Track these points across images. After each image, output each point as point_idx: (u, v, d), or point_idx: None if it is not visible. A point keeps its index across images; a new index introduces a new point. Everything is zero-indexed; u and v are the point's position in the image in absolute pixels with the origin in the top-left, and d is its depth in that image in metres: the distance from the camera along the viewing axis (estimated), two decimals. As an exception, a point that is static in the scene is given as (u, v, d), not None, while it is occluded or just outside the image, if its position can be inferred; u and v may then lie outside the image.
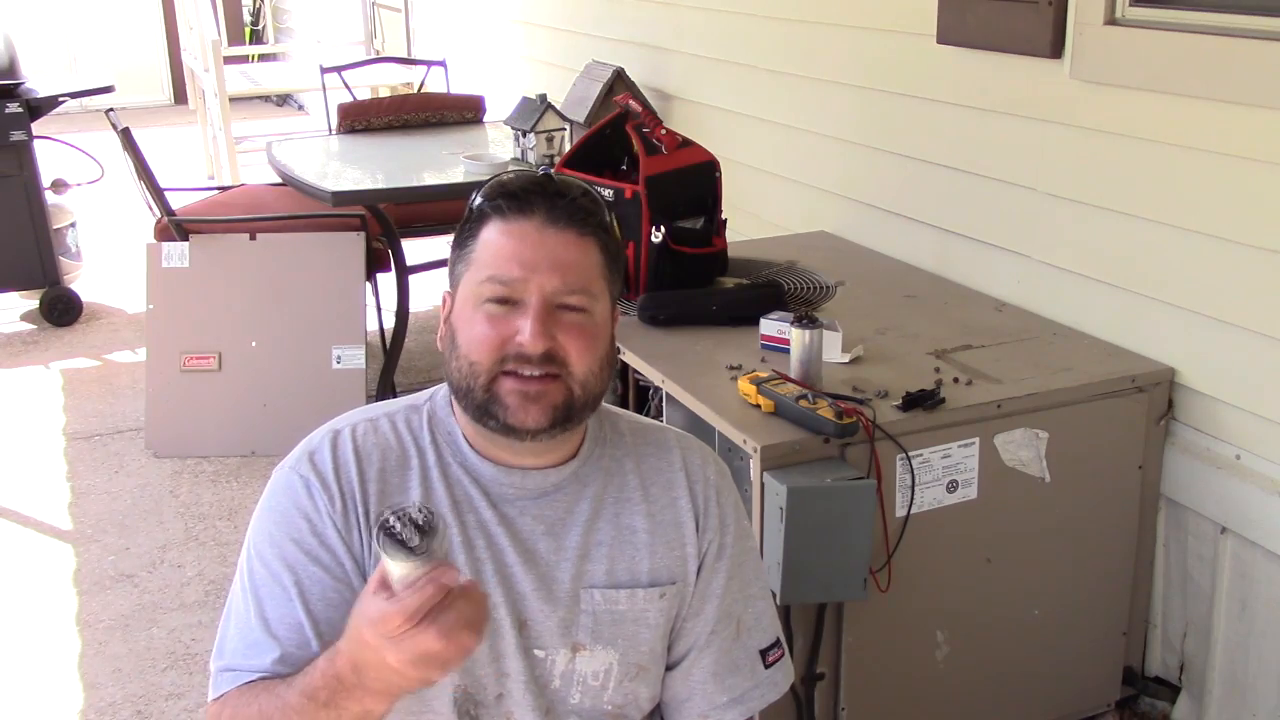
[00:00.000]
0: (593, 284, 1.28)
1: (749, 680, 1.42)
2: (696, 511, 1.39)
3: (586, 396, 1.29)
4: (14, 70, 4.76)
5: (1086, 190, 2.39)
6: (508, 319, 1.25)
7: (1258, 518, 2.12)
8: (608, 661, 1.35)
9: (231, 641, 1.29)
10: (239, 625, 1.29)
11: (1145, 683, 2.42)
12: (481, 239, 1.29)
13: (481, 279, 1.27)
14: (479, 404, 1.27)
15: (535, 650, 1.33)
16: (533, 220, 1.27)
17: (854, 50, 3.06)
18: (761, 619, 1.44)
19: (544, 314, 1.25)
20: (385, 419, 1.36)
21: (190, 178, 6.65)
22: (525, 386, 1.25)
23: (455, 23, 6.18)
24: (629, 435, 1.42)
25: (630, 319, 2.52)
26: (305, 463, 1.32)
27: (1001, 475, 2.11)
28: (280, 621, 1.27)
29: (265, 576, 1.29)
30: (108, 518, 3.44)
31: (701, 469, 1.42)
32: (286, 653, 1.25)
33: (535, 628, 1.33)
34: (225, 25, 8.70)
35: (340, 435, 1.34)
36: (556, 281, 1.25)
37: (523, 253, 1.26)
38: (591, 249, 1.29)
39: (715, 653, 1.40)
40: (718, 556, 1.40)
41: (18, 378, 4.53)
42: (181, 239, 3.82)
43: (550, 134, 3.83)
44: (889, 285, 2.77)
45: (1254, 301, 2.08)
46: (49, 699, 2.67)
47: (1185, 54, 2.12)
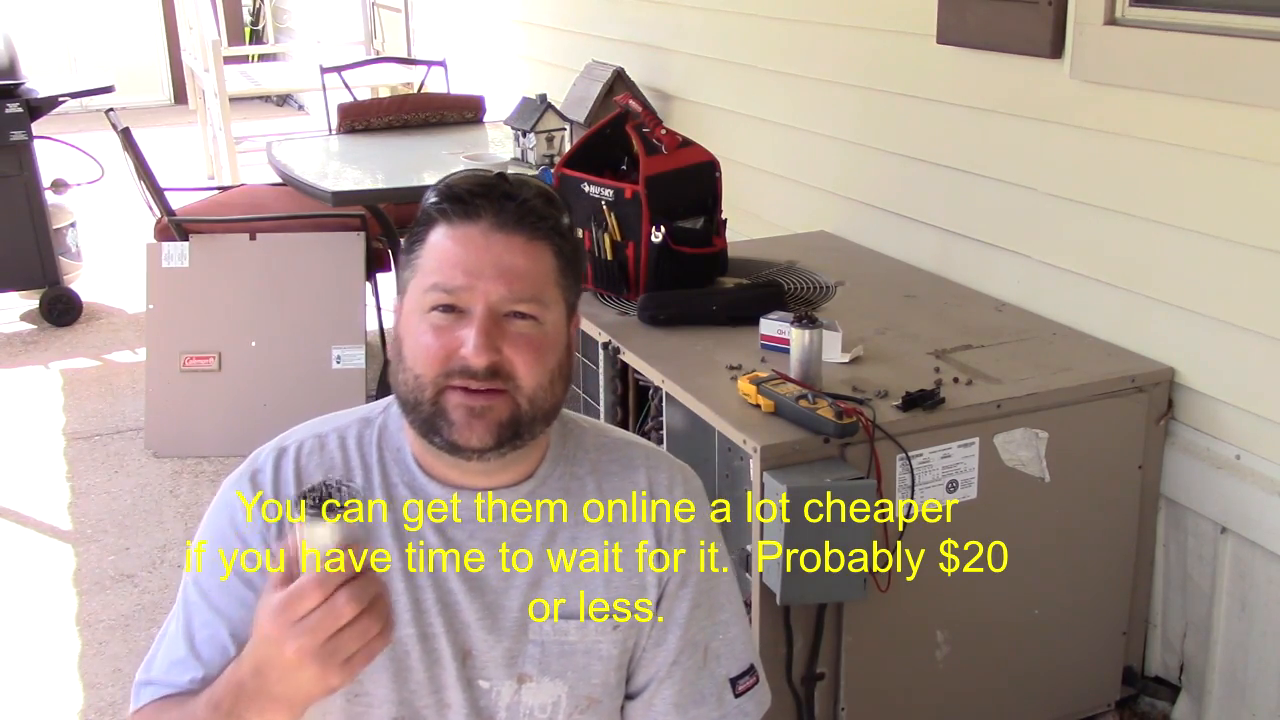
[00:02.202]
0: (544, 291, 1.22)
1: (715, 710, 1.34)
2: (659, 537, 1.32)
3: (535, 412, 1.22)
4: (14, 70, 4.76)
5: (1086, 190, 2.39)
6: (453, 329, 1.19)
7: (1258, 518, 2.12)
8: (556, 694, 1.29)
9: (159, 657, 1.27)
10: (168, 641, 1.27)
11: (1145, 683, 2.41)
12: (428, 244, 1.22)
13: (426, 286, 1.20)
14: (425, 419, 1.21)
15: (480, 681, 1.28)
16: (479, 224, 1.20)
17: (854, 50, 3.06)
18: (733, 645, 1.36)
19: (489, 325, 1.18)
20: (334, 435, 1.31)
21: (190, 178, 6.65)
22: (471, 401, 1.19)
23: (455, 23, 6.17)
24: (594, 452, 1.34)
25: (630, 319, 2.51)
26: (247, 480, 1.28)
27: (1001, 475, 2.11)
28: (206, 642, 1.24)
29: (196, 595, 1.26)
30: (108, 518, 3.44)
31: (668, 490, 1.34)
32: (209, 674, 1.22)
33: (480, 658, 1.27)
34: (225, 25, 8.70)
35: (285, 454, 1.29)
36: (503, 289, 1.19)
37: (468, 259, 1.19)
38: (543, 254, 1.22)
39: (678, 683, 1.33)
40: (681, 584, 1.32)
41: (18, 378, 4.53)
42: (181, 239, 3.82)
43: (550, 134, 3.83)
44: (889, 285, 2.77)
45: (1254, 301, 2.08)
46: (49, 699, 2.67)
47: (1185, 54, 2.12)
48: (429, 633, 1.26)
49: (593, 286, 2.65)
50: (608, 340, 2.46)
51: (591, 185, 2.61)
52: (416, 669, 1.26)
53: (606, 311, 2.58)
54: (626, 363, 2.42)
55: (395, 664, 1.26)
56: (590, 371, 2.59)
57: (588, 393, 2.64)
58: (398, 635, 1.24)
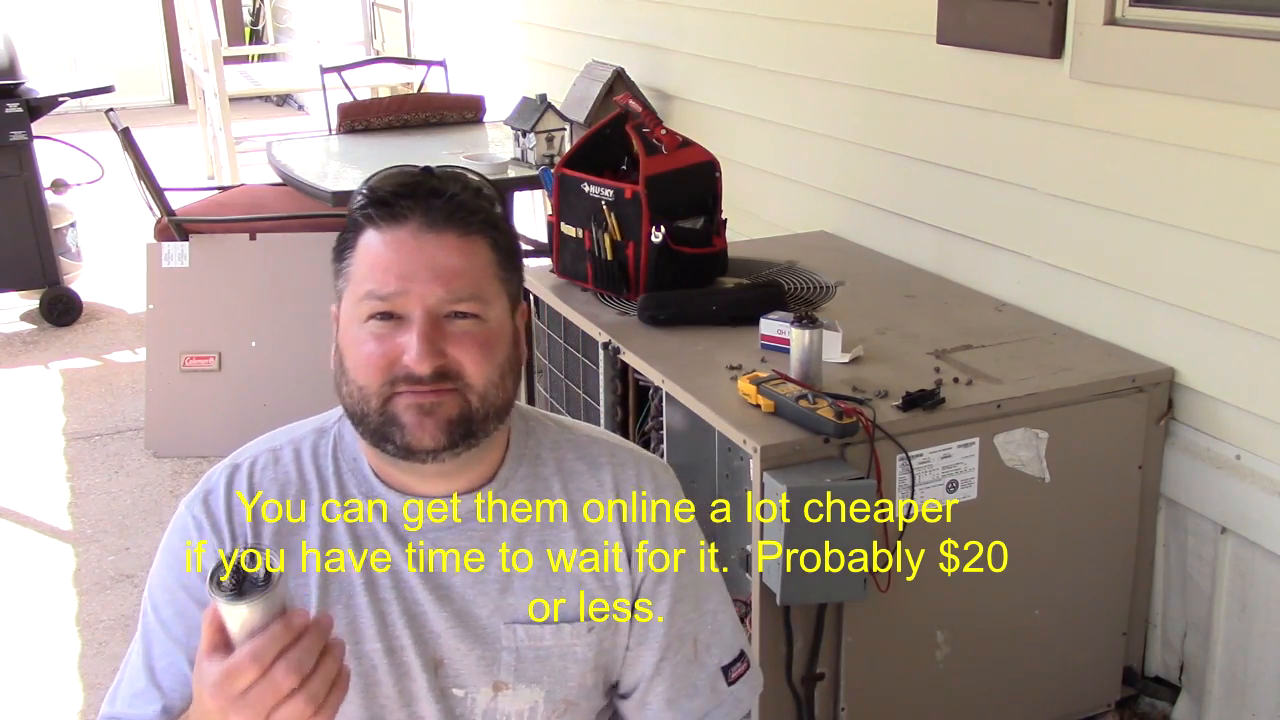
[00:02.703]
0: (483, 288, 1.18)
1: (710, 701, 1.33)
2: (628, 537, 1.29)
3: (487, 409, 1.19)
4: (14, 70, 4.76)
5: (1086, 190, 2.39)
6: (393, 336, 1.16)
7: (1258, 518, 2.12)
8: (533, 700, 1.27)
9: (122, 688, 1.25)
10: (130, 672, 1.25)
11: (1145, 683, 2.41)
12: (358, 250, 1.19)
13: (360, 295, 1.17)
14: (375, 429, 1.18)
15: (454, 690, 1.25)
16: (407, 226, 1.17)
17: (854, 50, 3.06)
18: (721, 632, 1.35)
19: (429, 329, 1.15)
20: (289, 448, 1.28)
21: (190, 178, 6.65)
22: (420, 399, 1.16)
23: (455, 23, 6.17)
24: (557, 450, 1.31)
25: (630, 319, 2.51)
26: (199, 503, 1.26)
27: (1001, 475, 2.11)
28: (165, 671, 1.22)
29: (154, 623, 1.24)
30: (108, 518, 3.44)
31: (635, 485, 1.30)
32: (170, 703, 1.20)
33: (453, 666, 1.25)
34: (225, 25, 8.71)
35: (238, 472, 1.26)
36: (440, 291, 1.15)
37: (399, 263, 1.15)
38: (479, 249, 1.19)
39: (669, 679, 1.32)
40: (659, 580, 1.30)
41: (18, 378, 4.53)
42: (181, 239, 3.82)
43: (550, 134, 3.83)
44: (889, 285, 2.77)
45: (1254, 301, 2.08)
46: (49, 699, 2.67)
47: (1185, 54, 2.12)
48: (395, 645, 1.24)
49: (593, 286, 2.65)
50: (608, 340, 2.46)
51: (591, 185, 2.61)
52: (385, 683, 1.24)
53: (606, 311, 2.57)
54: (626, 363, 2.42)
55: (363, 679, 1.23)
56: (590, 371, 2.59)
57: (588, 393, 2.64)
58: (363, 650, 1.23)
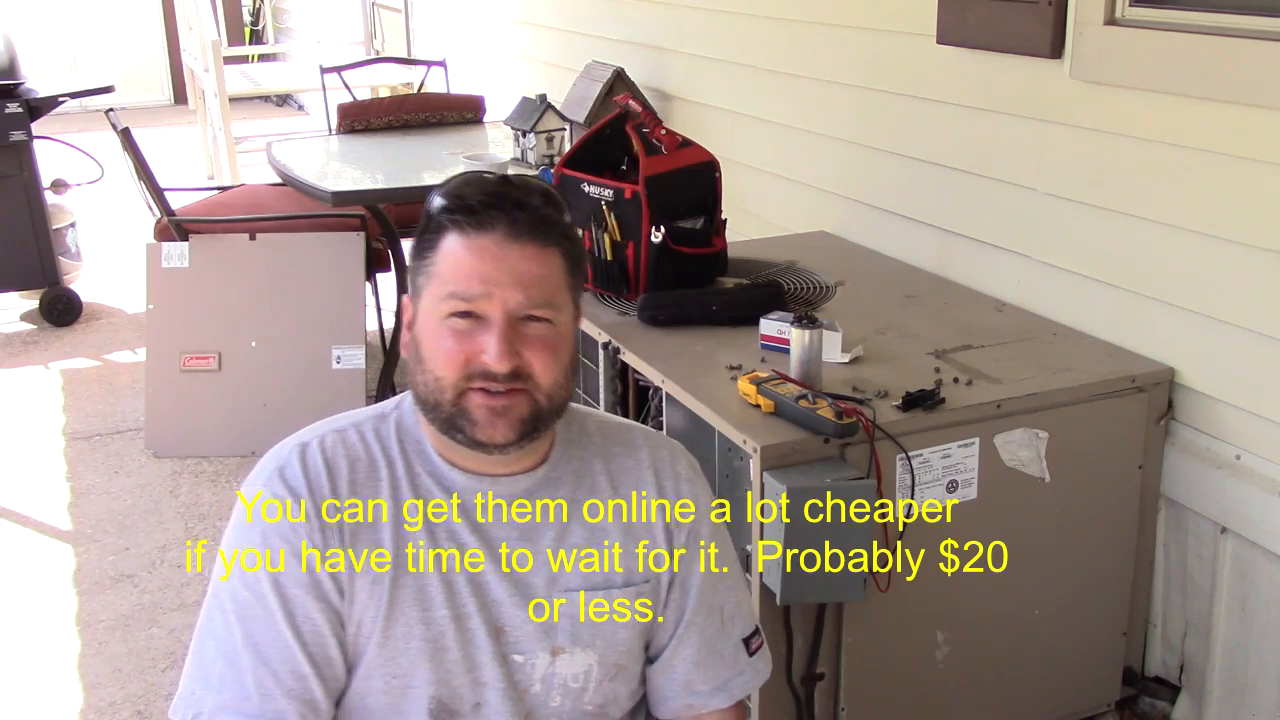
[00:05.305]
0: (556, 295, 1.28)
1: (732, 668, 1.44)
2: (664, 493, 1.41)
3: (553, 406, 1.29)
4: (14, 70, 4.76)
5: (1086, 190, 2.39)
6: (472, 335, 1.25)
7: (1258, 518, 2.12)
8: (587, 663, 1.36)
9: (207, 694, 1.25)
10: (228, 673, 1.26)
11: (1145, 683, 2.42)
12: (442, 251, 1.27)
13: (444, 294, 1.26)
14: (446, 418, 1.27)
15: (514, 656, 1.33)
16: (493, 235, 1.25)
17: (854, 50, 3.06)
18: (742, 607, 1.47)
19: (508, 331, 1.25)
20: (353, 429, 1.35)
21: (190, 178, 6.66)
22: (493, 402, 1.25)
23: (455, 23, 6.18)
24: (597, 435, 1.43)
25: (630, 319, 2.51)
26: (276, 479, 1.29)
27: (1001, 475, 2.11)
28: (282, 664, 1.25)
29: (259, 615, 1.26)
30: (108, 518, 3.44)
31: (670, 465, 1.43)
32: (295, 695, 1.25)
33: (513, 633, 1.33)
34: (225, 25, 8.71)
35: (308, 448, 1.32)
36: (520, 297, 1.25)
37: (484, 269, 1.25)
38: (554, 260, 1.28)
39: (696, 642, 1.42)
40: (690, 535, 1.41)
41: (18, 378, 4.53)
42: (181, 239, 3.82)
43: (550, 134, 3.83)
44: (889, 285, 2.77)
45: (1254, 301, 2.08)
46: (49, 699, 2.67)
47: (1185, 54, 2.12)
48: (462, 613, 1.31)
49: (593, 286, 2.65)
50: (608, 340, 2.46)
51: (591, 185, 2.61)
52: (452, 649, 1.31)
53: (606, 311, 2.58)
54: (626, 363, 2.42)
55: (431, 645, 1.30)
56: (590, 371, 2.59)
57: (588, 393, 2.64)
58: (432, 616, 1.30)
